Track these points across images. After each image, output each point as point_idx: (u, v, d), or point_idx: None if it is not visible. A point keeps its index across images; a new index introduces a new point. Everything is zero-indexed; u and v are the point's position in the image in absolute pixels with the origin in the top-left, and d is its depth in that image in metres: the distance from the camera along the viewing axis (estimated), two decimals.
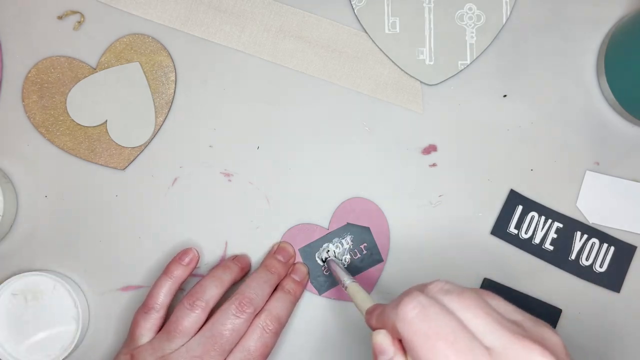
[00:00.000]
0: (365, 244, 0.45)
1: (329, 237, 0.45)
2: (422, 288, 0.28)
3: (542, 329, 0.27)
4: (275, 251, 0.44)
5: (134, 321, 0.40)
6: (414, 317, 0.26)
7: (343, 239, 0.45)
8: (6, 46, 0.45)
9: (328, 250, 0.44)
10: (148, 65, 0.45)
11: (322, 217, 0.45)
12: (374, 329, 0.31)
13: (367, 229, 0.45)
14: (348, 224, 0.45)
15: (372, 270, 0.45)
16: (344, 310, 0.45)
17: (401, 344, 0.28)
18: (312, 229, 0.45)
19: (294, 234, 0.45)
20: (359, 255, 0.45)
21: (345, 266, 0.44)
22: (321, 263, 0.44)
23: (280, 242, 0.45)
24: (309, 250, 0.44)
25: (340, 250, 0.45)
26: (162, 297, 0.41)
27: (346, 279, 0.39)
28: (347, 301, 0.44)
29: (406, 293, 0.28)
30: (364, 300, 0.36)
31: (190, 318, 0.39)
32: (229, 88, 0.45)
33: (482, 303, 0.27)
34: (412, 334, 0.26)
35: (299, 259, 0.44)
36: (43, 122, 0.45)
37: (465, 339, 0.25)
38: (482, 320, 0.26)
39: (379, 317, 0.30)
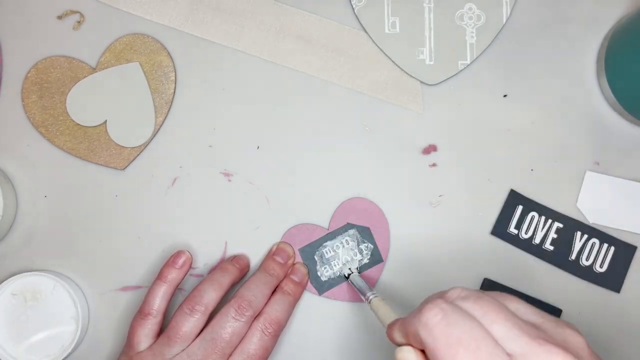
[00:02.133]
0: (365, 244, 0.44)
1: (329, 237, 0.44)
2: (442, 295, 0.28)
3: (565, 330, 0.27)
4: (274, 252, 0.44)
5: (131, 328, 0.40)
6: (437, 323, 0.26)
7: (343, 238, 0.44)
8: (6, 46, 0.45)
9: (350, 268, 0.44)
10: (148, 65, 0.45)
11: (321, 217, 0.45)
12: (395, 343, 0.30)
13: (367, 229, 0.44)
14: (348, 223, 0.44)
15: (372, 270, 0.45)
16: (345, 311, 0.44)
17: (425, 357, 0.28)
18: (311, 229, 0.45)
19: (294, 234, 0.45)
20: (359, 256, 0.44)
21: (347, 267, 0.44)
22: (343, 278, 0.44)
23: (279, 242, 0.44)
24: (309, 250, 0.44)
25: (341, 250, 0.44)
26: (158, 302, 0.41)
27: (369, 294, 0.39)
28: (347, 301, 0.44)
29: (427, 300, 0.27)
30: (386, 314, 0.35)
31: (190, 323, 0.39)
32: (229, 88, 0.45)
33: (501, 308, 0.26)
34: (434, 340, 0.26)
35: (298, 259, 0.44)
36: (43, 122, 0.45)
37: (487, 346, 0.25)
38: (501, 326, 0.26)
39: (401, 327, 0.30)
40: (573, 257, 0.45)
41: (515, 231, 0.45)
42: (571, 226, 0.45)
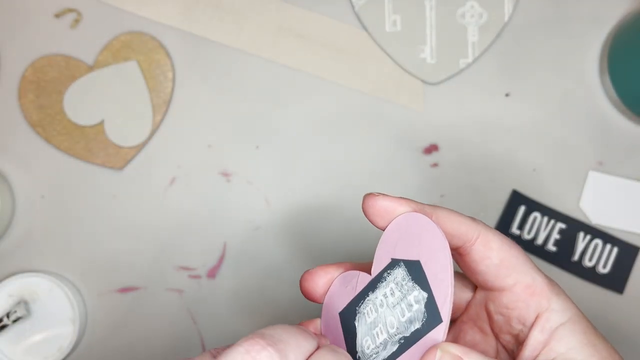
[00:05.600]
0: (414, 294, 0.25)
1: (370, 285, 0.27)
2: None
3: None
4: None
5: None
6: None
7: (387, 287, 0.26)
8: (2, 45, 0.45)
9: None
10: (146, 63, 0.45)
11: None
12: None
13: (417, 264, 0.25)
14: (393, 260, 0.26)
15: (428, 338, 0.25)
16: None
17: None
18: (352, 278, 0.28)
19: (333, 294, 0.29)
20: (406, 316, 0.25)
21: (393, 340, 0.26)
22: None
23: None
24: (347, 314, 0.28)
25: (384, 308, 0.26)
26: None
27: None
28: None
29: None
30: None
31: None
32: (228, 86, 0.45)
33: None
34: None
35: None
36: (40, 122, 0.44)
37: None
38: None
39: None
40: (576, 258, 0.44)
41: (518, 232, 0.44)
42: (574, 227, 0.44)
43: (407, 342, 0.25)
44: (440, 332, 0.24)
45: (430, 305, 0.25)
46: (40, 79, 0.44)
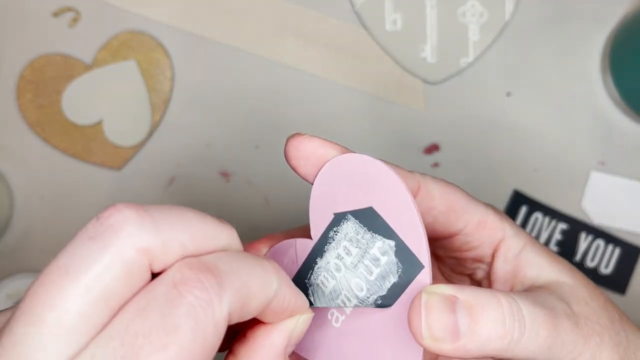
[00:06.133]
0: (378, 245, 0.22)
1: (317, 251, 0.24)
2: None
3: None
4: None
5: None
6: None
7: (338, 247, 0.23)
8: (0, 44, 0.45)
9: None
10: (145, 62, 0.45)
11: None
12: None
13: (371, 211, 0.22)
14: (336, 215, 0.23)
15: (414, 287, 0.21)
16: None
17: None
18: (288, 248, 0.25)
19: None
20: (374, 273, 0.22)
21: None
22: None
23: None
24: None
25: (342, 272, 0.23)
26: None
27: None
28: None
29: None
30: None
31: None
32: (227, 86, 0.45)
33: None
34: None
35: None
36: (38, 121, 0.44)
37: None
38: None
39: None
40: (578, 258, 0.44)
41: None
42: (576, 227, 0.44)
43: (386, 300, 0.22)
44: (426, 277, 0.21)
45: (403, 253, 0.21)
46: (38, 79, 0.44)
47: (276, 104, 0.45)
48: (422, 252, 0.21)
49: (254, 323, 0.21)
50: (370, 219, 0.21)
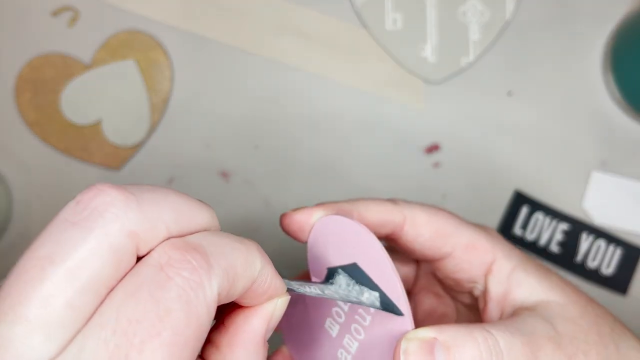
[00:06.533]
0: (366, 296, 0.24)
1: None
2: None
3: None
4: None
5: None
6: None
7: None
8: None
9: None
10: (144, 62, 0.44)
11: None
12: None
13: (355, 267, 0.24)
14: (329, 269, 0.25)
15: (396, 334, 0.23)
16: None
17: None
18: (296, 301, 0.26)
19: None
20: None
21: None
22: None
23: None
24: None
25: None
26: None
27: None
28: None
29: None
30: None
31: None
32: (227, 85, 0.45)
33: None
34: None
35: None
36: (36, 121, 0.44)
37: None
38: None
39: None
40: (579, 258, 0.44)
41: (520, 232, 0.44)
42: (577, 227, 0.44)
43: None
44: (406, 324, 0.23)
45: (386, 302, 0.23)
46: (37, 78, 0.44)
47: (275, 103, 0.45)
48: (400, 301, 0.23)
49: (231, 310, 0.21)
50: (356, 273, 0.24)
